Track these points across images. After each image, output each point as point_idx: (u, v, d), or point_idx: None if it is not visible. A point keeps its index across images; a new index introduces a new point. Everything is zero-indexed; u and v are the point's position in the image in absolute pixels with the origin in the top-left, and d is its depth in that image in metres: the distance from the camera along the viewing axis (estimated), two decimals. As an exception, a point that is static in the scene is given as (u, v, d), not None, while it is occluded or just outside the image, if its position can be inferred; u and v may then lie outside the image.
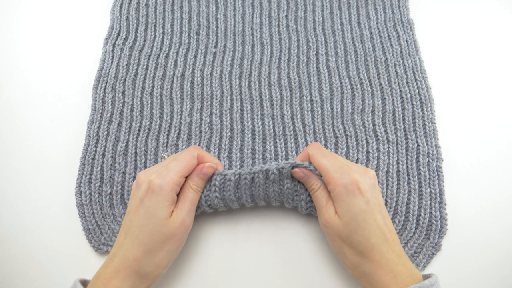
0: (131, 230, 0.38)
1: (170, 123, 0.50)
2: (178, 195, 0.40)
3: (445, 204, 0.46)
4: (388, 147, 0.48)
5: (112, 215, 0.46)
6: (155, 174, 0.39)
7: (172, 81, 0.53)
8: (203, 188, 0.42)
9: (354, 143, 0.48)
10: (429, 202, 0.45)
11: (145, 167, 0.48)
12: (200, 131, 0.50)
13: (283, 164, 0.40)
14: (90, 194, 0.46)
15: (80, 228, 0.46)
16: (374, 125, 0.49)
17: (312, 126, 0.50)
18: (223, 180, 0.41)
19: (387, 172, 0.47)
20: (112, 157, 0.48)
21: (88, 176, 0.47)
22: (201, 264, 0.44)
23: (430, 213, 0.45)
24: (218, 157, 0.48)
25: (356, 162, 0.48)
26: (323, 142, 0.49)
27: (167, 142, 0.49)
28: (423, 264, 0.44)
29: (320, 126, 0.50)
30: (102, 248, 0.45)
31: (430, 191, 0.46)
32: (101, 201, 0.46)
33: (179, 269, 0.44)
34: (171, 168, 0.39)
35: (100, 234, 0.45)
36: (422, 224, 0.44)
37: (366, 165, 0.47)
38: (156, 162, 0.48)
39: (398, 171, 0.47)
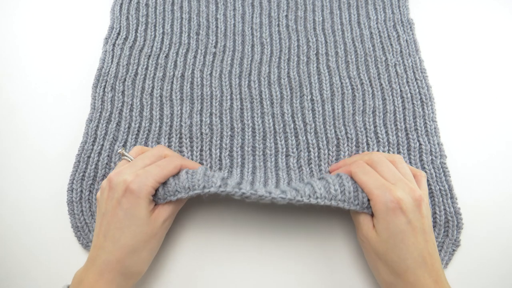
0: (111, 233, 0.37)
1: (171, 126, 0.50)
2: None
3: (456, 199, 0.45)
4: (389, 149, 0.48)
5: None
6: (131, 176, 0.38)
7: (172, 82, 0.53)
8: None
9: (355, 147, 0.48)
10: (441, 199, 0.45)
11: None
12: (201, 133, 0.49)
13: (295, 200, 0.38)
14: (81, 191, 0.46)
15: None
16: (375, 127, 0.49)
17: (313, 125, 0.50)
18: (225, 194, 0.39)
19: None
20: (108, 156, 0.48)
21: (81, 174, 0.47)
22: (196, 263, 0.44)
23: (445, 209, 0.45)
24: (220, 157, 0.48)
25: None
26: (324, 142, 0.48)
27: (170, 147, 0.49)
28: (445, 261, 0.43)
29: (322, 126, 0.49)
30: (90, 246, 0.44)
31: (440, 188, 0.46)
32: (91, 199, 0.46)
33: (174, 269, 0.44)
34: (152, 173, 0.39)
35: (88, 232, 0.45)
36: (439, 222, 0.44)
37: None
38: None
39: None
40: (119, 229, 0.37)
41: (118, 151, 0.43)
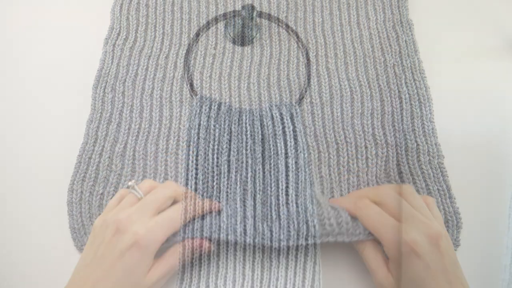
0: (102, 284, 0.34)
1: (170, 128, 0.50)
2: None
3: (455, 199, 0.46)
4: (387, 151, 0.48)
5: (99, 215, 0.45)
6: (143, 228, 0.35)
7: (172, 83, 0.53)
8: None
9: (354, 151, 0.48)
10: (439, 199, 0.45)
11: (144, 171, 0.48)
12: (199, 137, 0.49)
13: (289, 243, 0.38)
14: (81, 192, 0.46)
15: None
16: (373, 129, 0.49)
17: (313, 129, 0.50)
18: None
19: (389, 175, 0.47)
20: (109, 157, 0.48)
21: (82, 175, 0.47)
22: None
23: (444, 209, 0.45)
24: (217, 162, 0.47)
25: (357, 172, 0.47)
26: (324, 146, 0.49)
27: (167, 148, 0.49)
28: None
29: (321, 130, 0.50)
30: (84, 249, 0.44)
31: (438, 188, 0.46)
32: (91, 201, 0.46)
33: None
34: (164, 226, 0.37)
35: (84, 234, 0.45)
36: None
37: (366, 174, 0.47)
38: (156, 168, 0.48)
39: (400, 172, 0.47)
40: (112, 283, 0.34)
41: (129, 184, 0.41)
